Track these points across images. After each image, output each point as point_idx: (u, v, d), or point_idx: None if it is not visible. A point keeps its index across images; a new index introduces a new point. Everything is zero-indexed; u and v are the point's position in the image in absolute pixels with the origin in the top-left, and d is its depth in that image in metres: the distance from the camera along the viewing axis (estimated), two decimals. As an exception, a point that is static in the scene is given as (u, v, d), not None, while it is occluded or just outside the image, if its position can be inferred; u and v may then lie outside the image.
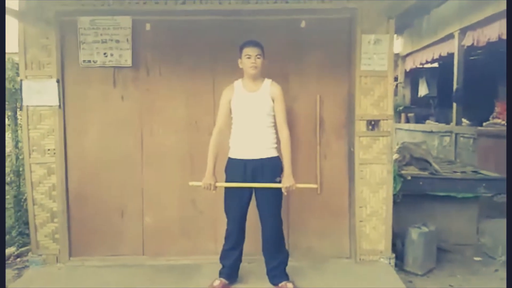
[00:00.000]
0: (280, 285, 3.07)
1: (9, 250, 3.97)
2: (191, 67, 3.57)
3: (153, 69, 3.60)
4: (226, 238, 3.14)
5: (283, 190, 2.97)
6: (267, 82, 3.06)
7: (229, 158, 3.09)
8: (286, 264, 3.15)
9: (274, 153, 3.04)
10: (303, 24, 3.47)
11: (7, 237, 4.12)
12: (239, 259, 3.15)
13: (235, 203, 3.04)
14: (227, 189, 3.07)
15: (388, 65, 3.48)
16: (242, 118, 3.04)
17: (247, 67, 2.99)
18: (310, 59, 3.59)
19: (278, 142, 3.06)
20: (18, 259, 3.89)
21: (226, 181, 3.07)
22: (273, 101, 3.02)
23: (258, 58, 2.97)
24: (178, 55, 3.59)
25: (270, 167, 3.01)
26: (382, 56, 3.46)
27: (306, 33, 3.53)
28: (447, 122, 7.43)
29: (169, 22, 3.55)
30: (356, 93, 3.49)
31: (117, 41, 3.52)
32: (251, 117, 3.01)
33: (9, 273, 3.60)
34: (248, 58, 2.97)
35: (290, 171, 2.98)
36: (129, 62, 3.54)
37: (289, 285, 3.05)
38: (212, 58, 3.57)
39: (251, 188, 3.02)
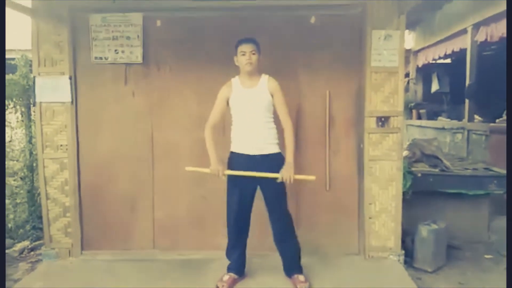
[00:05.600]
0: (293, 277, 3.13)
1: (23, 244, 4.05)
2: (201, 64, 3.59)
3: (164, 65, 3.63)
4: (229, 234, 3.17)
5: (278, 179, 2.94)
6: (264, 77, 3.06)
7: (232, 152, 3.10)
8: (299, 257, 3.20)
9: (276, 149, 3.04)
10: (312, 20, 3.46)
11: (21, 231, 4.21)
12: (243, 254, 3.19)
13: (237, 198, 3.06)
14: (229, 184, 3.08)
15: (398, 61, 3.45)
16: (242, 114, 3.05)
17: (242, 64, 3.00)
18: (319, 55, 3.58)
19: (279, 137, 3.06)
20: (32, 253, 3.97)
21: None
22: (272, 96, 3.02)
23: (253, 54, 2.97)
24: (188, 51, 3.61)
25: (273, 163, 3.00)
26: (393, 52, 3.43)
27: (315, 29, 3.52)
28: (459, 118, 7.34)
29: (179, 19, 3.57)
30: (366, 89, 3.48)
31: (128, 38, 3.55)
32: (251, 113, 3.01)
33: (22, 266, 3.68)
34: (243, 55, 2.97)
35: (291, 160, 2.96)
36: (139, 59, 3.58)
37: (301, 277, 3.11)
38: (222, 55, 3.56)
39: (254, 183, 3.03)
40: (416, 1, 3.32)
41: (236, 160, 3.06)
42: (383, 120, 3.50)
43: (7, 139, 4.54)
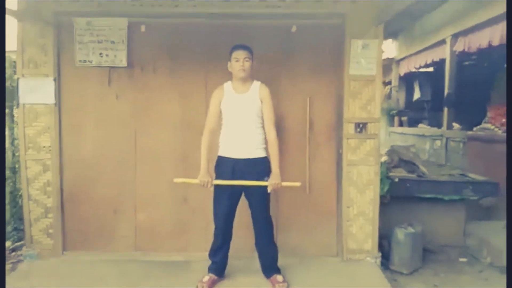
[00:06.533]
0: (271, 277, 3.20)
1: (3, 245, 4.05)
2: (184, 68, 3.65)
3: (148, 69, 3.68)
4: (216, 235, 3.22)
5: (268, 188, 3.03)
6: (256, 84, 3.15)
7: (219, 156, 3.17)
8: (277, 258, 3.28)
9: (262, 154, 3.12)
10: (294, 29, 3.56)
11: (1, 232, 4.20)
12: (227, 256, 3.26)
13: (225, 202, 3.12)
14: (216, 188, 3.13)
15: (376, 69, 3.56)
16: (232, 118, 3.12)
17: (236, 70, 3.07)
18: (300, 63, 3.68)
19: (266, 142, 3.14)
20: (13, 253, 3.96)
21: (216, 179, 3.13)
22: (261, 102, 3.10)
23: (246, 61, 3.06)
24: (172, 56, 3.67)
25: (259, 167, 3.09)
26: (371, 61, 3.54)
27: (297, 38, 3.62)
28: (439, 126, 7.51)
29: (163, 24, 3.63)
30: (345, 96, 3.58)
31: (113, 42, 3.60)
32: (241, 118, 3.09)
33: (3, 266, 3.68)
34: (237, 61, 3.05)
35: (277, 170, 3.05)
36: (124, 63, 3.62)
37: (279, 277, 3.19)
38: (205, 60, 3.65)
39: (240, 187, 3.10)
40: (394, 9, 3.42)
41: (223, 165, 3.13)
42: (361, 126, 3.61)
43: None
